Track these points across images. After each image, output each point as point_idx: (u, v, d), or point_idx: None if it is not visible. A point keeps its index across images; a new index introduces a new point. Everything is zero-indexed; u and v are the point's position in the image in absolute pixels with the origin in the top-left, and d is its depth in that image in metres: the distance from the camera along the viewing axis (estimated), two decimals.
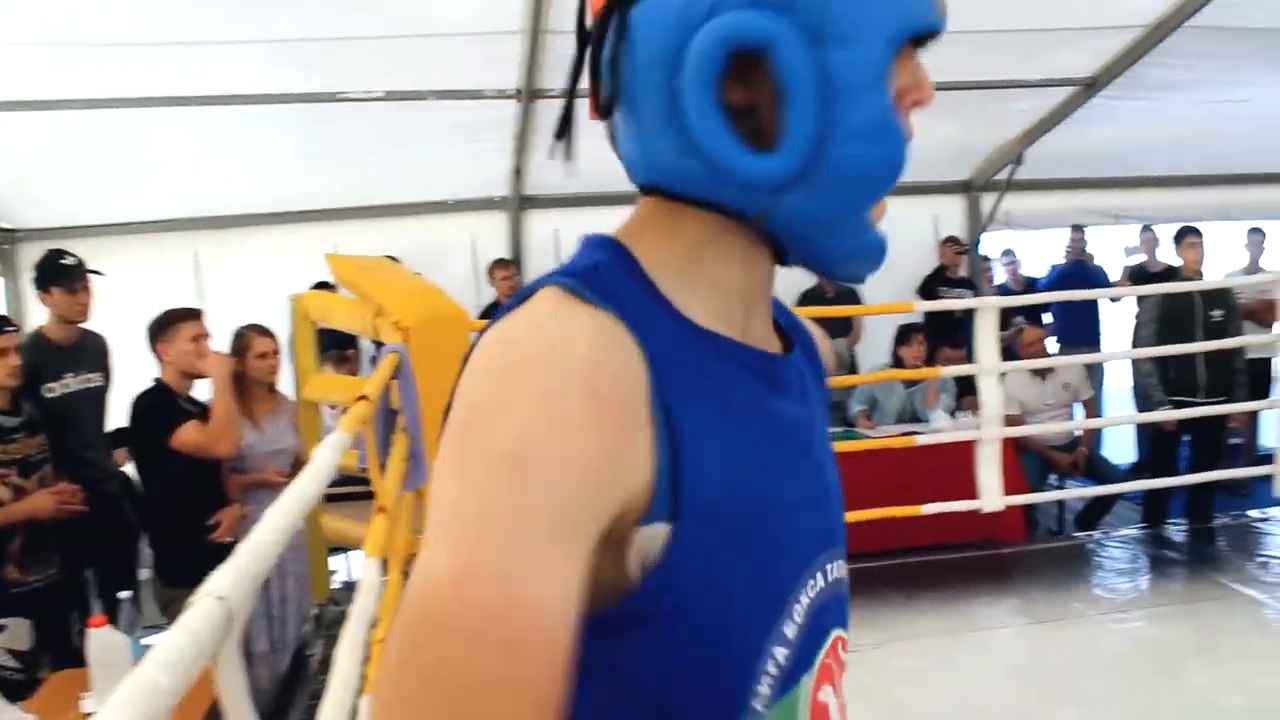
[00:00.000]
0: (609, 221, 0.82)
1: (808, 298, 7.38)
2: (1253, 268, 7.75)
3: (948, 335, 6.90)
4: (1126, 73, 6.38)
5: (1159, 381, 6.03)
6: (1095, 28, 5.93)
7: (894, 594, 4.97)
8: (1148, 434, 6.62)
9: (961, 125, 6.96)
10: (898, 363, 6.39)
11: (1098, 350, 7.71)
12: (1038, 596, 4.99)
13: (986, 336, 5.05)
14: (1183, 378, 6.01)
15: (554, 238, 7.26)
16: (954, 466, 5.28)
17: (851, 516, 4.99)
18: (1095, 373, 7.44)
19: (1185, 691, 3.94)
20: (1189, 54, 6.24)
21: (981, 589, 5.09)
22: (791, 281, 7.48)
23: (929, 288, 7.62)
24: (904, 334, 6.45)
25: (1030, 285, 8.46)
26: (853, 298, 7.21)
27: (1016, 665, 4.29)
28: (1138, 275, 7.50)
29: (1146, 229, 7.79)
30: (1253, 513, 6.04)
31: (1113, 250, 8.60)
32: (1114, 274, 8.13)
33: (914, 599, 4.92)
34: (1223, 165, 8.14)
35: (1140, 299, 6.37)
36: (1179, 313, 6.01)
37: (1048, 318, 8.00)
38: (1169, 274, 6.50)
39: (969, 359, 5.84)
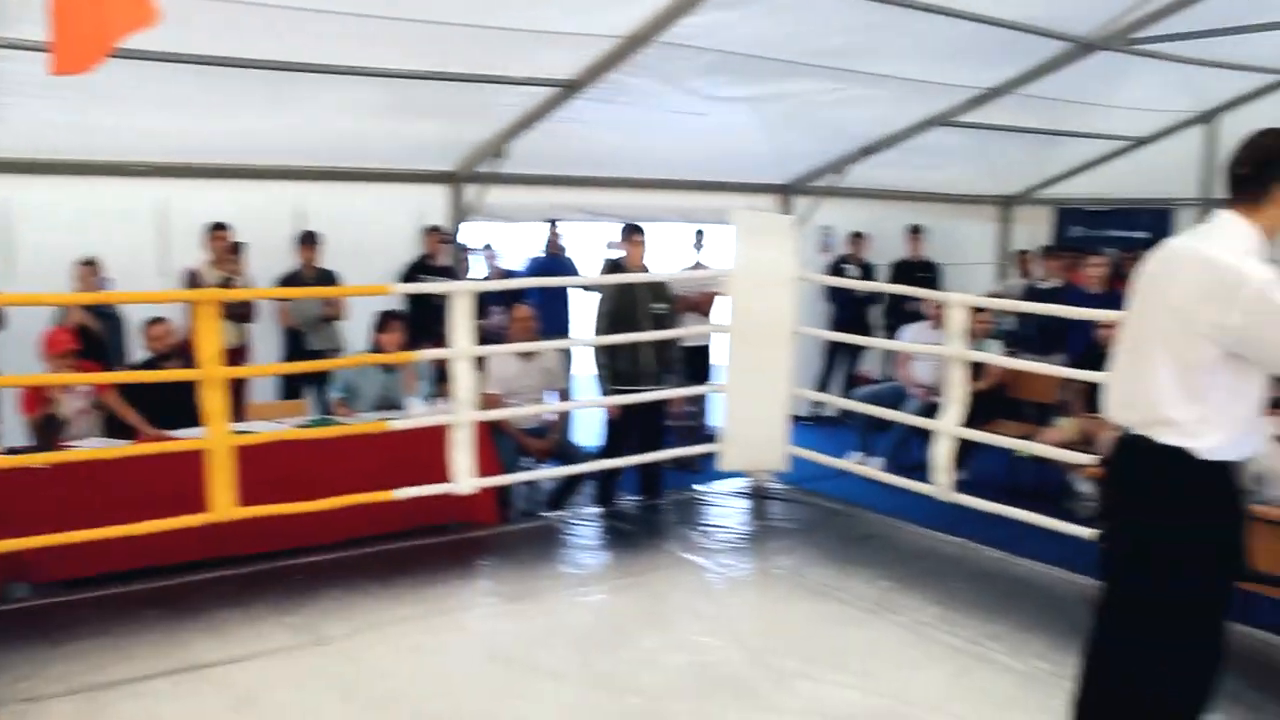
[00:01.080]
0: None
1: (289, 280, 7.18)
2: (695, 265, 8.56)
3: (431, 323, 6.95)
4: (603, 78, 6.73)
5: (609, 371, 6.45)
6: (577, 33, 6.20)
7: (369, 583, 4.90)
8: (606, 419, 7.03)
9: (448, 116, 7.04)
10: (377, 349, 6.34)
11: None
12: (510, 576, 5.14)
13: (460, 321, 5.14)
14: (631, 367, 6.47)
15: None
16: (433, 451, 5.32)
17: (323, 505, 4.87)
18: (566, 361, 7.83)
19: (638, 654, 4.23)
20: (658, 67, 6.72)
21: (456, 572, 5.16)
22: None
23: (411, 275, 7.65)
24: (383, 320, 6.41)
25: (506, 277, 8.74)
26: (330, 281, 7.11)
27: (489, 645, 4.36)
28: (613, 270, 7.97)
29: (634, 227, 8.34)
30: (698, 486, 6.65)
31: (588, 245, 9.12)
32: (589, 268, 8.61)
33: (389, 586, 4.88)
34: (683, 171, 8.89)
35: (600, 293, 6.75)
36: (626, 306, 6.47)
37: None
38: (619, 269, 6.92)
39: None
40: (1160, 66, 8.30)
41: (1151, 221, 10.16)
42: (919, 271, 9.82)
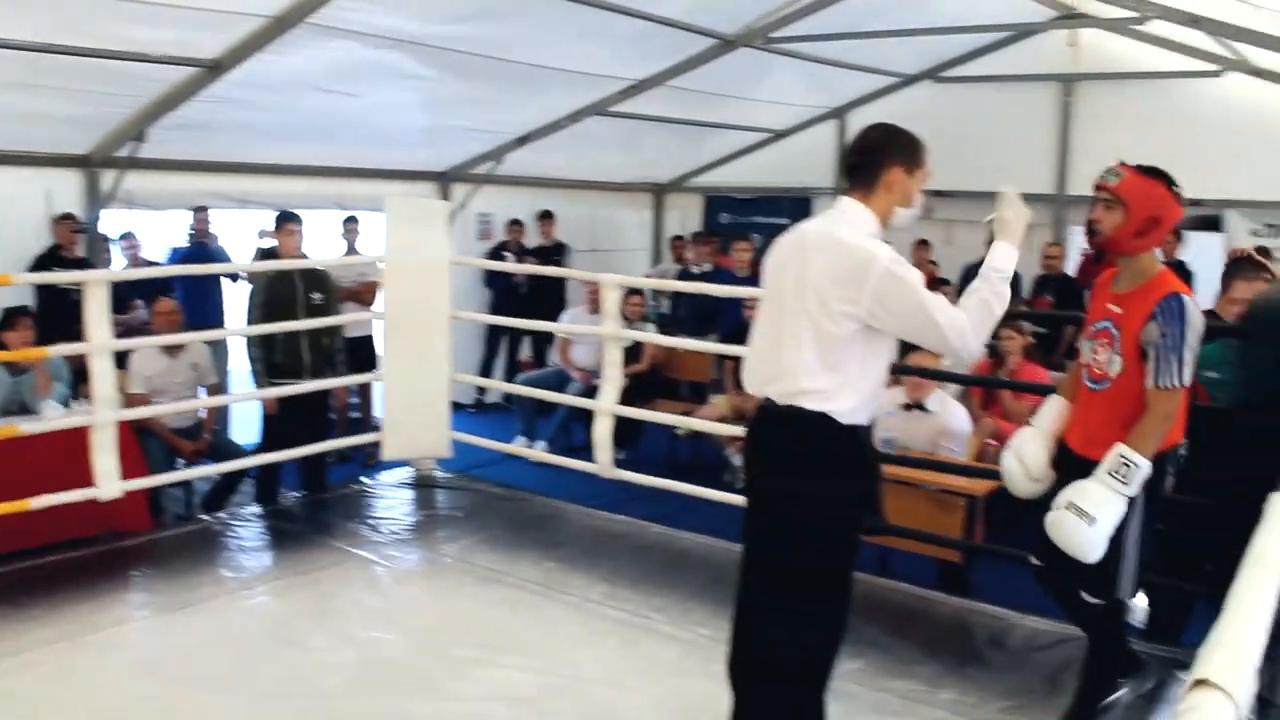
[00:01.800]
0: None
1: None
2: (351, 253, 8.36)
3: (65, 319, 6.44)
4: (252, 59, 6.44)
5: (264, 364, 6.22)
6: (221, 11, 5.90)
7: (2, 607, 4.47)
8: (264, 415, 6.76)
9: (80, 95, 6.52)
10: (1, 348, 5.80)
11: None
12: (165, 585, 4.85)
13: (97, 314, 4.80)
14: (288, 359, 6.27)
15: None
16: (74, 457, 4.95)
17: None
18: (220, 355, 7.47)
19: (309, 656, 4.12)
20: (310, 50, 6.52)
21: (105, 585, 4.78)
22: None
23: (41, 267, 7.03)
24: (9, 316, 5.88)
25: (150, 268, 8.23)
26: None
27: (146, 660, 4.11)
28: (266, 260, 7.66)
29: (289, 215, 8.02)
30: (364, 479, 6.53)
31: (240, 234, 8.72)
32: (241, 258, 8.23)
33: (27, 608, 4.45)
34: (339, 159, 8.67)
35: (251, 282, 6.49)
36: (283, 296, 6.26)
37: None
38: (272, 258, 6.67)
39: None
40: (796, 65, 8.95)
41: (792, 208, 10.87)
42: (553, 255, 10.05)
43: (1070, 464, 3.40)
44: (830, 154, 10.77)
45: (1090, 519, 3.08)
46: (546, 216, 10.26)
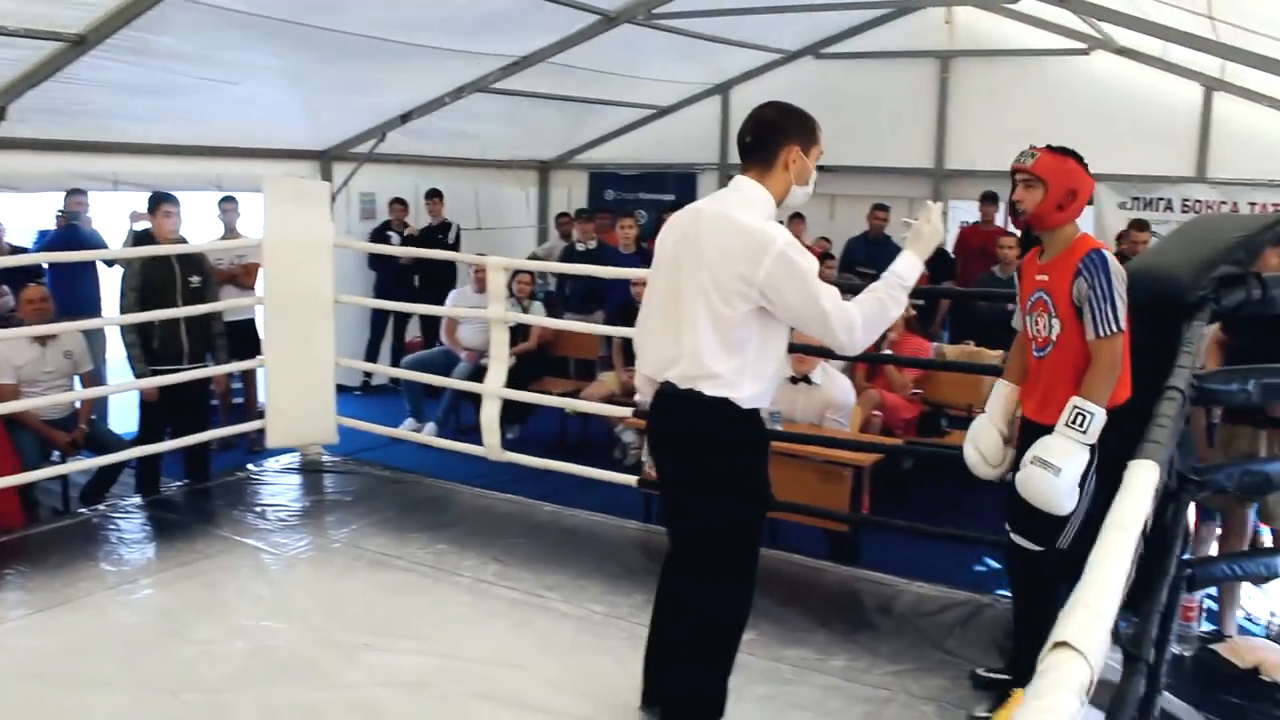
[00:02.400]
0: None
1: None
2: (231, 235, 8.14)
3: None
4: (119, 34, 6.22)
5: (141, 351, 6.04)
6: None
7: None
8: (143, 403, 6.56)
9: None
10: None
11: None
12: (41, 582, 4.68)
13: None
14: (166, 345, 6.10)
15: None
16: None
17: None
18: (97, 344, 7.22)
19: (195, 648, 4.03)
20: (183, 25, 6.32)
21: None
22: None
23: None
24: None
25: (15, 254, 7.90)
26: None
27: (23, 662, 3.94)
28: (140, 243, 7.41)
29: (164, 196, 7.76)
30: (249, 466, 6.39)
31: (111, 216, 8.42)
32: (115, 242, 7.97)
33: None
34: (216, 138, 8.42)
35: (124, 268, 6.29)
36: (159, 281, 6.07)
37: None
38: (147, 241, 6.46)
39: None
40: (679, 41, 8.98)
41: (678, 184, 10.97)
42: (439, 234, 9.96)
43: (1030, 434, 3.48)
44: (714, 130, 10.86)
45: (1055, 469, 3.15)
46: (434, 195, 10.11)
